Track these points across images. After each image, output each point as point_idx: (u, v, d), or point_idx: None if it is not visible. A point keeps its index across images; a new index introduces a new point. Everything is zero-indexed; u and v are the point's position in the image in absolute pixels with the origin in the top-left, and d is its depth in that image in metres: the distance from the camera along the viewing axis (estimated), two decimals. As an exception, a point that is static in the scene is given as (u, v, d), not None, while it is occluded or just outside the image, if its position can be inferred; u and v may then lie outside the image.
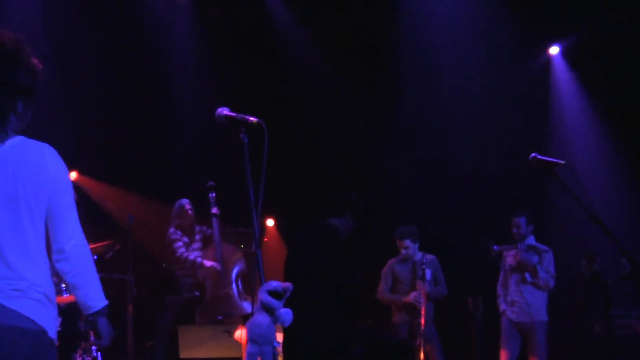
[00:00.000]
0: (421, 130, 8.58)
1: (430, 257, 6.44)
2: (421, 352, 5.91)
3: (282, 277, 4.54)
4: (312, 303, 4.24)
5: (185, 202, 7.17)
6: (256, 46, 8.77)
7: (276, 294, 2.20)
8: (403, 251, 6.43)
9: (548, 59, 8.59)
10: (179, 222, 7.15)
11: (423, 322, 6.09)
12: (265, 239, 9.51)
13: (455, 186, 8.26)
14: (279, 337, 3.49)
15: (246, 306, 6.59)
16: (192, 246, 7.13)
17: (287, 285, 2.22)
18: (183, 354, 5.68)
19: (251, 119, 2.61)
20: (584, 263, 5.92)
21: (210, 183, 6.85)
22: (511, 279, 6.28)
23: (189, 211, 7.13)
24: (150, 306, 7.52)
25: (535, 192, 7.90)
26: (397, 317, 6.46)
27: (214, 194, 6.86)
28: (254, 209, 2.47)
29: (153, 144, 8.81)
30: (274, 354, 2.20)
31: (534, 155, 4.02)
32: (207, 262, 6.82)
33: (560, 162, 3.99)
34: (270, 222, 9.78)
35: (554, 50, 8.49)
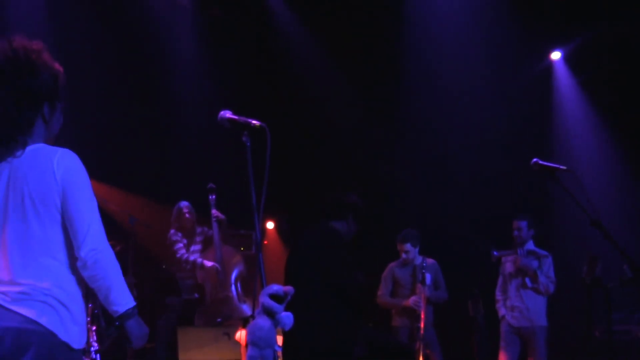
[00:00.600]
0: (423, 133, 8.58)
1: (430, 261, 6.43)
2: (420, 357, 5.91)
3: (282, 279, 4.53)
4: (312, 304, 4.23)
5: (184, 205, 7.15)
6: (258, 47, 8.77)
7: (277, 298, 2.20)
8: (403, 255, 6.42)
9: (550, 63, 8.61)
10: (178, 225, 7.15)
11: (422, 326, 6.08)
12: (265, 242, 9.51)
13: (456, 188, 8.27)
14: (278, 340, 3.49)
15: (245, 309, 6.59)
16: (192, 247, 7.13)
17: (288, 288, 2.22)
18: (182, 356, 5.67)
19: (254, 122, 2.61)
20: (584, 268, 5.90)
21: (211, 185, 6.85)
22: (511, 284, 6.27)
23: (187, 214, 7.12)
24: (151, 308, 7.52)
25: (537, 196, 7.89)
26: (397, 321, 6.45)
27: (214, 196, 6.85)
28: (255, 213, 2.46)
29: (155, 145, 8.80)
30: (275, 357, 2.20)
31: (535, 160, 4.02)
32: (208, 262, 6.82)
33: (561, 167, 4.00)
34: (270, 225, 9.78)
35: (555, 55, 8.50)
